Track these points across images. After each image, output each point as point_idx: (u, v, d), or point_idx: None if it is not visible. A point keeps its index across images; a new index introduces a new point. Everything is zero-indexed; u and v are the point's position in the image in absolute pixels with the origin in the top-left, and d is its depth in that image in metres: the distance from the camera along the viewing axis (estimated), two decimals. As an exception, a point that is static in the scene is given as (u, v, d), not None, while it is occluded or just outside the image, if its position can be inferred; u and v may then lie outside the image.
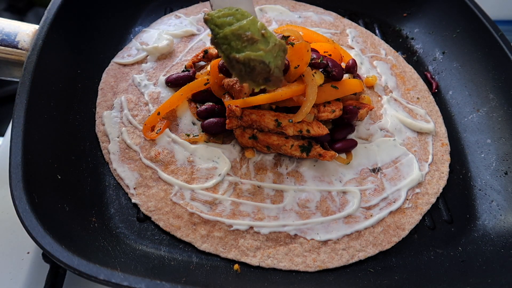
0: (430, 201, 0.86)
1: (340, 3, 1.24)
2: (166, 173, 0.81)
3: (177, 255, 0.74)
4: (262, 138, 0.81)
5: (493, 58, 1.01)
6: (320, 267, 0.75)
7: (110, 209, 0.78)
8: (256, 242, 0.75)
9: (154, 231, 0.76)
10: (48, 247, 0.60)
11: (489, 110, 0.98)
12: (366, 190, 0.84)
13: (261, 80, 0.70)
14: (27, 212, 0.63)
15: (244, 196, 0.80)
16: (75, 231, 0.69)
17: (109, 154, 0.84)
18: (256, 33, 0.68)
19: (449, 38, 1.12)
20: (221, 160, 0.83)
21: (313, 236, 0.77)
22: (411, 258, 0.79)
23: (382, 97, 1.00)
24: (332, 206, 0.81)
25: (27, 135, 0.72)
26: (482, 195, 0.89)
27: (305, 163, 0.85)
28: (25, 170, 0.67)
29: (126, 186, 0.80)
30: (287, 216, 0.78)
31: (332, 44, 0.96)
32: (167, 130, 0.86)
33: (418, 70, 1.11)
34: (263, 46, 0.68)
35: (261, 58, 0.67)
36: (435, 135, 0.97)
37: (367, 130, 0.93)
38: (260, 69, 0.68)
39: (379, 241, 0.79)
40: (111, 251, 0.69)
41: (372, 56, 1.09)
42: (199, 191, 0.79)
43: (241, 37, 0.67)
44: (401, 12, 1.23)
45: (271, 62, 0.68)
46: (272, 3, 1.18)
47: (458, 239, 0.82)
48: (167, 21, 1.10)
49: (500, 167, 0.91)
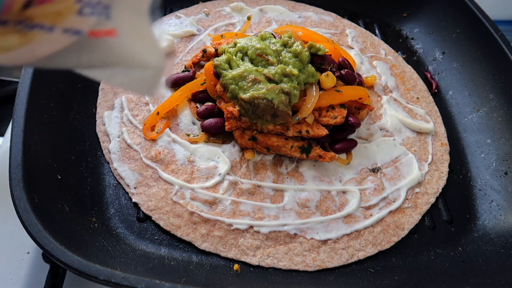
0: (430, 201, 0.86)
1: (340, 3, 1.24)
2: (166, 173, 0.81)
3: (177, 255, 0.74)
4: (262, 139, 0.81)
5: (493, 58, 1.01)
6: (319, 266, 0.75)
7: (110, 209, 0.78)
8: (256, 242, 0.75)
9: (154, 231, 0.76)
10: (48, 247, 0.60)
11: (489, 110, 0.98)
12: (366, 190, 0.84)
13: (269, 116, 0.77)
14: (27, 212, 0.63)
15: (244, 195, 0.80)
16: (75, 231, 0.69)
17: (109, 154, 0.84)
18: (259, 75, 0.78)
19: (449, 38, 1.12)
20: (221, 160, 0.83)
21: (313, 236, 0.77)
22: (411, 258, 0.79)
23: (382, 97, 1.00)
24: (332, 205, 0.81)
25: (27, 135, 0.72)
26: (482, 195, 0.89)
27: (305, 163, 0.85)
28: (25, 170, 0.67)
29: (126, 185, 0.80)
30: (287, 215, 0.78)
31: (332, 44, 0.96)
32: (167, 130, 0.86)
33: (418, 70, 1.11)
34: (265, 85, 0.77)
35: (264, 96, 0.75)
36: (434, 135, 0.97)
37: (367, 130, 0.93)
38: (264, 105, 0.75)
39: (378, 240, 0.79)
40: (111, 251, 0.69)
41: (371, 56, 1.09)
42: (200, 190, 0.79)
43: (246, 78, 0.77)
44: (401, 12, 1.23)
45: (274, 98, 0.75)
46: (272, 3, 1.18)
47: (458, 239, 0.82)
48: (167, 21, 1.10)
49: (500, 167, 0.91)
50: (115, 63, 0.29)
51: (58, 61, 0.28)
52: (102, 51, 0.28)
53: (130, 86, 0.32)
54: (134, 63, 0.29)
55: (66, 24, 0.25)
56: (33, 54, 0.27)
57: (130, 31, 0.28)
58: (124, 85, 0.32)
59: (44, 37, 0.25)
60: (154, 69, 0.31)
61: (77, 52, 0.28)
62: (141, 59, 0.29)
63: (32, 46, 0.26)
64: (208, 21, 1.10)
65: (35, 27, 0.25)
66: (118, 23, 0.27)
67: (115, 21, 0.27)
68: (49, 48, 0.27)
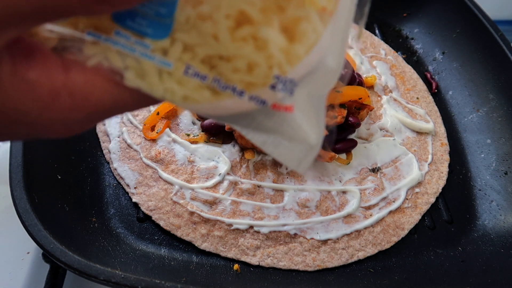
0: (430, 201, 0.86)
1: (340, 3, 1.24)
2: (166, 173, 0.81)
3: (177, 255, 0.74)
4: (262, 138, 0.81)
5: (493, 58, 1.01)
6: (319, 266, 0.75)
7: (110, 209, 0.78)
8: (256, 241, 0.75)
9: (154, 231, 0.76)
10: (48, 247, 0.60)
11: (489, 110, 0.98)
12: (366, 190, 0.84)
13: None
14: (27, 212, 0.63)
15: (244, 195, 0.80)
16: (75, 231, 0.69)
17: (109, 154, 0.84)
18: None
19: (449, 38, 1.12)
20: (221, 160, 0.83)
21: (313, 236, 0.77)
22: (411, 258, 0.79)
23: (382, 97, 1.00)
24: (332, 205, 0.81)
25: (27, 135, 0.72)
26: (482, 195, 0.89)
27: (305, 163, 0.85)
28: (25, 170, 0.68)
29: (126, 185, 0.80)
30: (287, 215, 0.78)
31: (332, 44, 0.96)
32: (167, 129, 0.86)
33: (418, 70, 1.11)
34: None
35: None
36: (434, 135, 0.97)
37: (367, 130, 0.93)
38: None
39: (378, 240, 0.79)
40: (111, 251, 0.70)
41: (371, 56, 1.09)
42: (200, 190, 0.79)
43: None
44: (401, 12, 1.23)
45: None
46: (272, 3, 1.18)
47: (458, 239, 0.82)
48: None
49: (500, 167, 0.91)
50: (280, 133, 0.30)
51: (233, 119, 0.29)
52: (275, 122, 0.29)
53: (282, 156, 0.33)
54: (296, 137, 0.30)
55: (257, 93, 0.26)
56: (215, 111, 0.28)
57: (303, 108, 0.30)
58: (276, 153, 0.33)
59: (232, 99, 0.26)
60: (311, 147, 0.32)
61: (253, 118, 0.29)
62: (304, 135, 0.30)
63: (218, 104, 0.27)
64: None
65: (227, 88, 0.26)
66: (297, 100, 0.29)
67: (295, 98, 0.28)
68: (232, 109, 0.28)
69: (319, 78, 0.30)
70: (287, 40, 0.26)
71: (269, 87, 0.26)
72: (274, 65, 0.26)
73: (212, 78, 0.26)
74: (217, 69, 0.26)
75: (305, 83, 0.29)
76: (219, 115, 0.29)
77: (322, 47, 0.28)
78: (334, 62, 0.30)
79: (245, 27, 0.25)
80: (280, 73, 0.26)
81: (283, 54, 0.26)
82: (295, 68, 0.26)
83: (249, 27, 0.25)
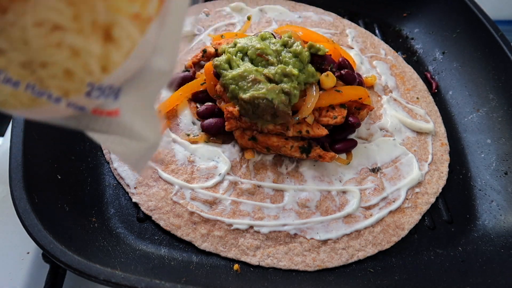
0: (430, 201, 0.86)
1: (340, 3, 1.24)
2: (166, 173, 0.81)
3: (177, 255, 0.74)
4: (262, 139, 0.81)
5: (493, 58, 1.01)
6: (319, 266, 0.75)
7: (110, 209, 0.78)
8: (256, 241, 0.75)
9: (154, 231, 0.76)
10: (48, 247, 0.60)
11: (489, 110, 0.98)
12: (366, 190, 0.84)
13: (269, 117, 0.77)
14: (27, 212, 0.63)
15: (244, 195, 0.80)
16: (75, 231, 0.69)
17: (109, 154, 0.84)
18: (259, 75, 0.78)
19: (449, 38, 1.12)
20: (221, 160, 0.83)
21: (313, 236, 0.77)
22: (411, 258, 0.79)
23: (382, 97, 1.00)
24: (332, 205, 0.81)
25: (27, 135, 0.72)
26: (482, 195, 0.89)
27: (305, 163, 0.85)
28: (25, 170, 0.68)
29: (126, 185, 0.80)
30: (287, 215, 0.78)
31: (332, 44, 0.96)
32: (167, 129, 0.86)
33: (418, 70, 1.11)
34: (266, 85, 0.77)
35: (264, 96, 0.75)
36: (434, 135, 0.97)
37: (367, 130, 0.93)
38: (264, 105, 0.76)
39: (378, 240, 0.79)
40: (111, 251, 0.69)
41: (371, 56, 1.09)
42: (200, 190, 0.79)
43: (246, 78, 0.78)
44: (401, 12, 1.23)
45: (274, 98, 0.76)
46: (272, 3, 1.18)
47: (458, 239, 0.82)
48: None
49: (500, 167, 0.91)
50: (113, 134, 0.31)
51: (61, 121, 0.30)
52: (102, 125, 0.30)
53: (123, 156, 0.34)
54: (131, 136, 0.31)
55: (73, 99, 0.27)
56: (36, 115, 0.28)
57: (132, 111, 0.30)
58: (117, 152, 0.34)
59: (49, 105, 0.27)
60: (149, 144, 0.33)
61: (77, 120, 0.30)
62: (139, 134, 0.31)
63: (37, 110, 0.27)
64: (208, 21, 1.10)
65: (43, 95, 0.26)
66: (123, 104, 0.29)
67: (120, 102, 0.29)
68: (52, 114, 0.28)
69: (148, 81, 0.30)
70: (103, 47, 0.26)
71: (85, 94, 0.26)
72: (87, 73, 0.26)
73: (26, 84, 0.25)
74: (37, 74, 0.26)
75: (133, 87, 0.29)
76: (42, 119, 0.29)
77: (144, 52, 0.28)
78: (165, 63, 0.30)
79: (55, 34, 0.25)
80: (93, 80, 0.26)
81: (98, 61, 0.26)
82: (112, 75, 0.27)
83: (60, 34, 0.25)
